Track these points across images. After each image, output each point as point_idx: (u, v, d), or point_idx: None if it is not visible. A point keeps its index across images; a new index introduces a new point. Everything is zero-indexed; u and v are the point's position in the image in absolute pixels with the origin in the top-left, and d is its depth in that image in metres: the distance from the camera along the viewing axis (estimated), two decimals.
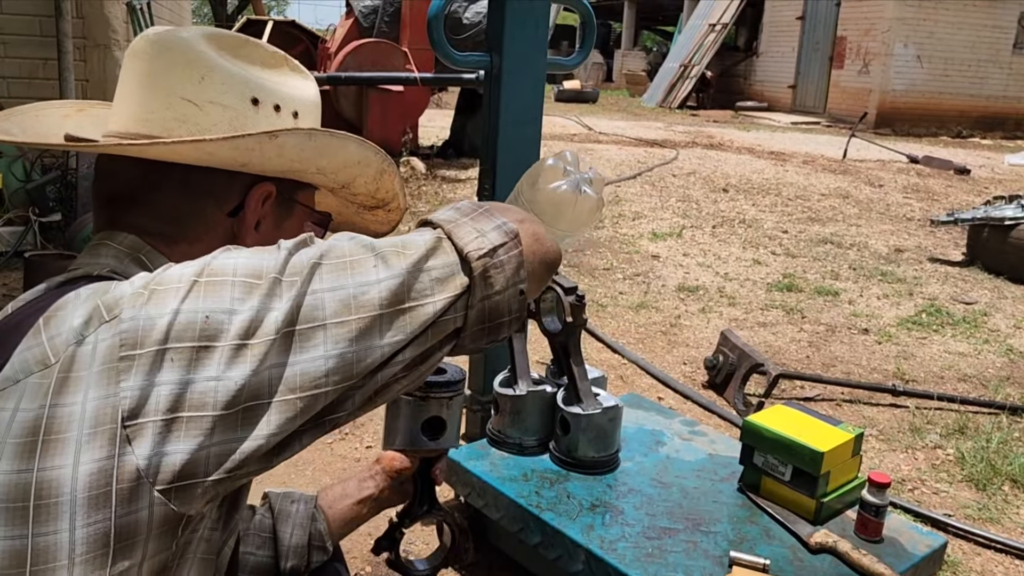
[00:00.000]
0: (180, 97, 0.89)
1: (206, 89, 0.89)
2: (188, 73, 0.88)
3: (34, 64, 5.23)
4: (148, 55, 0.90)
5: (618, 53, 26.16)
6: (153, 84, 0.89)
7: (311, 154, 0.90)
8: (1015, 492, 2.72)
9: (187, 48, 0.89)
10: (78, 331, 0.71)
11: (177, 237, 0.90)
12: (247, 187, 0.92)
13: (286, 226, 0.98)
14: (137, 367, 0.68)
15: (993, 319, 4.56)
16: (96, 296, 0.74)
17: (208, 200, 0.90)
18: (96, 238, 0.90)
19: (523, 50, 2.06)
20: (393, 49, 8.02)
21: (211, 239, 0.90)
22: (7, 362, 0.73)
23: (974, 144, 14.68)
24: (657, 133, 12.76)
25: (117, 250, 0.88)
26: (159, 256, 0.88)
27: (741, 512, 1.76)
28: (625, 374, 3.57)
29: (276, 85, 0.95)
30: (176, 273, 0.73)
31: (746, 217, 6.97)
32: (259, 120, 0.91)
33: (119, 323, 0.70)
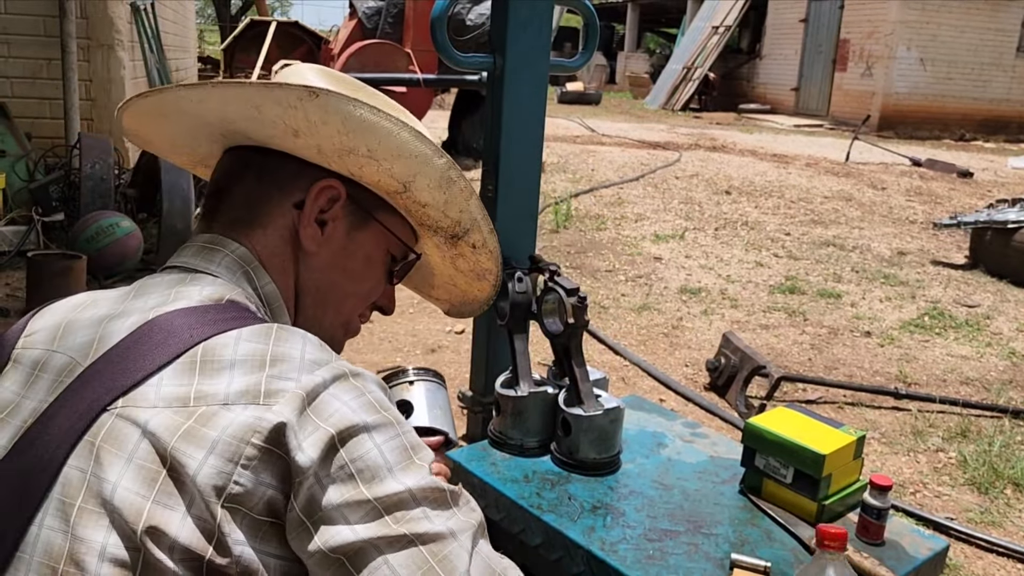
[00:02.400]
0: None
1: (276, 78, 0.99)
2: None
3: (38, 64, 5.24)
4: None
5: (621, 55, 26.17)
6: None
7: (357, 126, 0.89)
8: (1017, 496, 2.72)
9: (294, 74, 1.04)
10: (230, 397, 0.74)
11: (251, 222, 0.94)
12: (314, 181, 0.95)
13: (360, 240, 1.00)
14: (259, 461, 0.72)
15: (996, 322, 4.55)
16: (259, 365, 0.76)
17: (276, 187, 0.95)
18: (204, 237, 0.93)
19: (526, 52, 2.05)
20: (396, 50, 8.03)
21: (277, 227, 0.95)
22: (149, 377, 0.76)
23: (977, 147, 14.67)
24: (660, 135, 12.76)
25: (232, 259, 0.91)
26: (262, 271, 0.93)
27: (742, 514, 1.75)
28: (627, 376, 3.57)
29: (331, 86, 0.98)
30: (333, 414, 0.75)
31: (748, 219, 6.96)
32: None
33: (264, 416, 0.73)
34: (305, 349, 0.79)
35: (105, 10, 5.38)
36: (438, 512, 0.77)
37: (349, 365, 0.80)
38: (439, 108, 12.58)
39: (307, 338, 0.81)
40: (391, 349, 3.71)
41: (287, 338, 0.80)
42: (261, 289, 0.92)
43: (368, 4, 8.58)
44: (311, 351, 0.79)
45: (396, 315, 4.17)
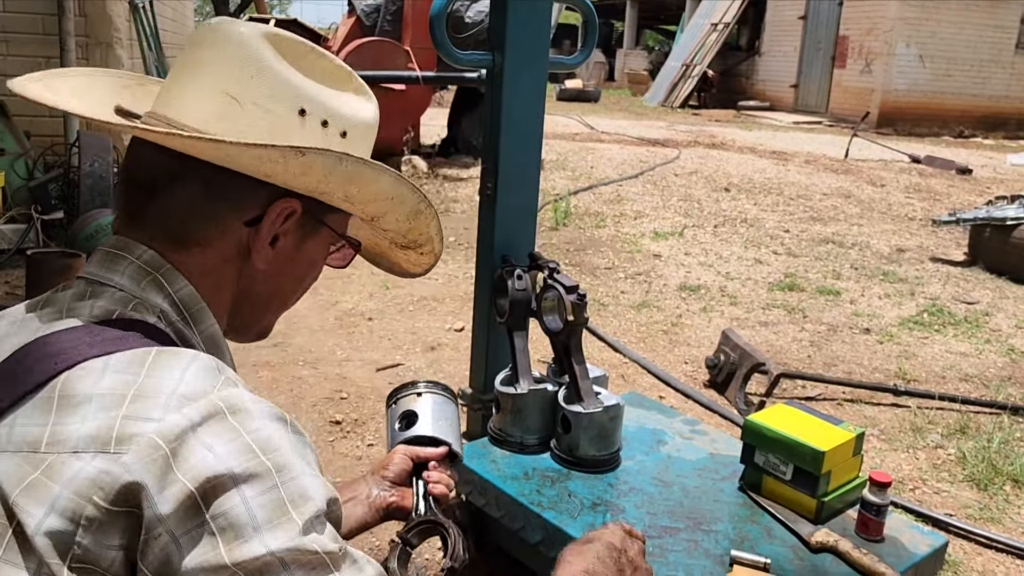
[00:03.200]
0: (224, 91, 0.84)
1: (253, 89, 0.84)
2: (238, 68, 0.84)
3: (37, 62, 5.24)
4: (205, 43, 0.86)
5: (620, 52, 26.15)
6: (201, 72, 0.85)
7: (340, 179, 0.85)
8: (1016, 492, 2.72)
9: (244, 43, 0.85)
10: (80, 442, 0.66)
11: (189, 240, 0.84)
12: (271, 199, 0.86)
13: (308, 247, 0.93)
14: (103, 523, 0.65)
15: (995, 319, 4.56)
16: (117, 401, 0.68)
17: (227, 204, 0.85)
18: (111, 241, 0.85)
19: (525, 49, 2.06)
20: (395, 48, 8.02)
21: (223, 246, 0.86)
22: (10, 408, 0.70)
23: (976, 144, 14.67)
24: (659, 132, 12.76)
25: (136, 267, 0.82)
26: (176, 275, 0.84)
27: (742, 511, 1.76)
28: (626, 373, 3.57)
29: (330, 100, 0.89)
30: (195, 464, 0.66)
31: (748, 216, 6.97)
32: (303, 133, 0.86)
33: (111, 470, 0.65)
34: (183, 378, 0.70)
35: (104, 8, 5.38)
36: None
37: (235, 396, 0.71)
38: (438, 106, 12.56)
39: (193, 363, 0.73)
40: (391, 347, 3.71)
41: (166, 364, 0.72)
42: (175, 295, 0.83)
43: (367, 2, 8.57)
44: (189, 380, 0.70)
45: (395, 313, 4.17)
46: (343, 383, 3.30)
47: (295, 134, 0.85)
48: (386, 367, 3.48)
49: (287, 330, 3.85)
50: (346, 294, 4.42)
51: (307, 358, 3.55)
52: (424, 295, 4.44)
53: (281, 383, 3.27)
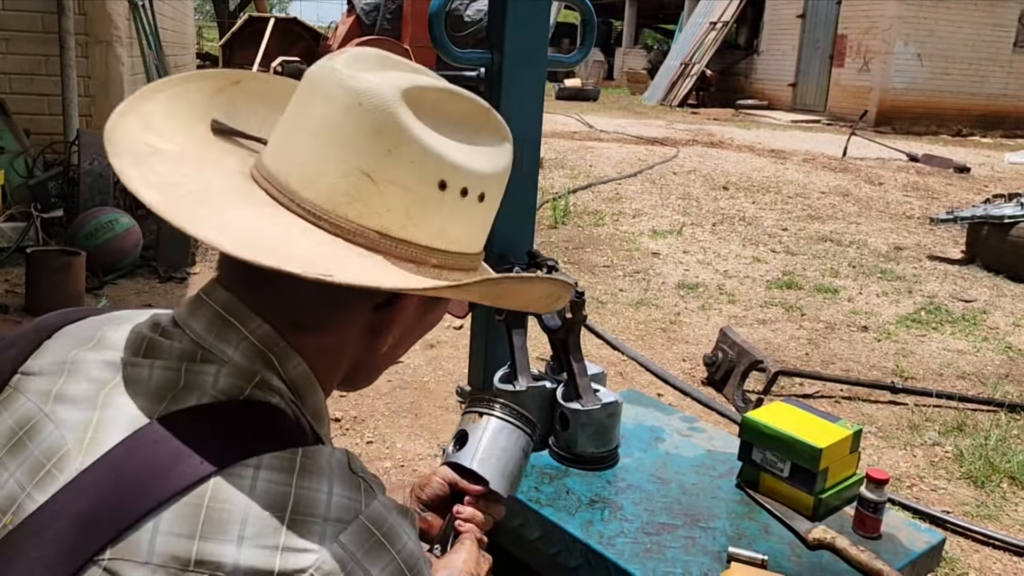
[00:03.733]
0: (358, 167, 0.73)
1: (391, 166, 0.74)
2: (375, 142, 0.73)
3: (36, 60, 5.24)
4: (336, 102, 0.74)
5: (619, 51, 26.14)
6: (331, 140, 0.74)
7: (492, 294, 0.81)
8: (1013, 489, 2.73)
9: (383, 111, 0.73)
10: (237, 568, 0.63)
11: (309, 326, 0.78)
12: None
13: (430, 317, 0.89)
14: None
15: (992, 317, 4.57)
16: (274, 527, 0.65)
17: (357, 294, 0.76)
18: (223, 300, 0.77)
19: (524, 47, 2.06)
20: (394, 46, 8.03)
21: (347, 330, 0.81)
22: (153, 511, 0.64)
23: (974, 142, 14.68)
24: (658, 131, 12.76)
25: (248, 343, 0.75)
26: (290, 353, 0.77)
27: (740, 508, 1.76)
28: (625, 371, 3.58)
29: (469, 161, 0.78)
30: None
31: (746, 215, 6.98)
32: (440, 208, 0.77)
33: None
34: (332, 492, 0.68)
35: (103, 6, 5.37)
36: None
37: (378, 510, 0.70)
38: None
39: (334, 471, 0.70)
40: None
41: (312, 471, 0.69)
42: (287, 375, 0.77)
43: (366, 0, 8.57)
44: (337, 495, 0.68)
45: None
46: None
47: (432, 211, 0.76)
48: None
49: None
50: None
51: None
52: None
53: None
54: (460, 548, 1.09)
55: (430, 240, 0.77)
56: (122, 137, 0.77)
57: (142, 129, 0.79)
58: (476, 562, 1.08)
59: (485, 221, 0.83)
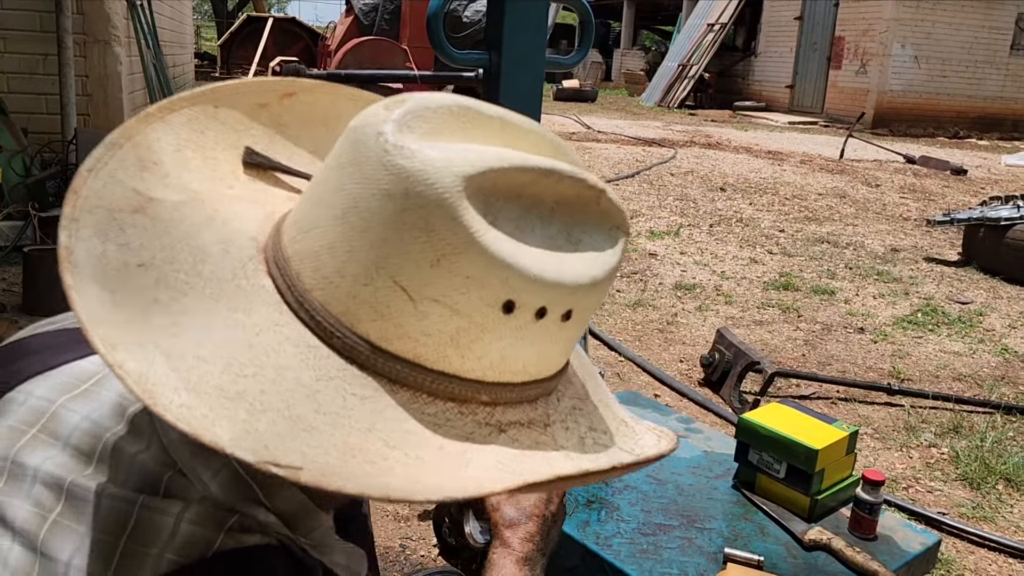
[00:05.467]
0: (390, 276, 0.53)
1: (435, 280, 0.53)
2: (419, 248, 0.52)
3: (34, 60, 5.23)
4: (373, 182, 0.53)
5: (617, 52, 26.16)
6: (360, 232, 0.54)
7: None
8: (1009, 491, 2.74)
9: (437, 205, 0.51)
10: None
11: None
12: None
13: None
14: None
15: (988, 319, 4.58)
16: None
17: None
18: None
19: (522, 48, 2.07)
20: (393, 47, 8.03)
21: None
22: None
23: (971, 145, 14.71)
24: (655, 132, 12.77)
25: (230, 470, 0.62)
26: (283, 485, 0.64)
27: (736, 509, 1.77)
28: (622, 371, 3.59)
29: (555, 271, 0.55)
30: None
31: (743, 216, 6.98)
32: (502, 332, 0.56)
33: None
34: None
35: (101, 6, 5.37)
36: None
37: None
38: None
39: None
40: None
41: None
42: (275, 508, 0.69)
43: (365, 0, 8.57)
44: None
45: None
46: None
47: (490, 338, 0.55)
48: None
49: None
50: None
51: None
52: None
53: None
54: None
55: (482, 374, 0.57)
56: (101, 184, 0.56)
57: (136, 168, 0.58)
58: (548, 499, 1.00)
59: (569, 341, 0.61)
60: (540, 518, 0.95)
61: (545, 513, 0.96)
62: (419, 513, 2.33)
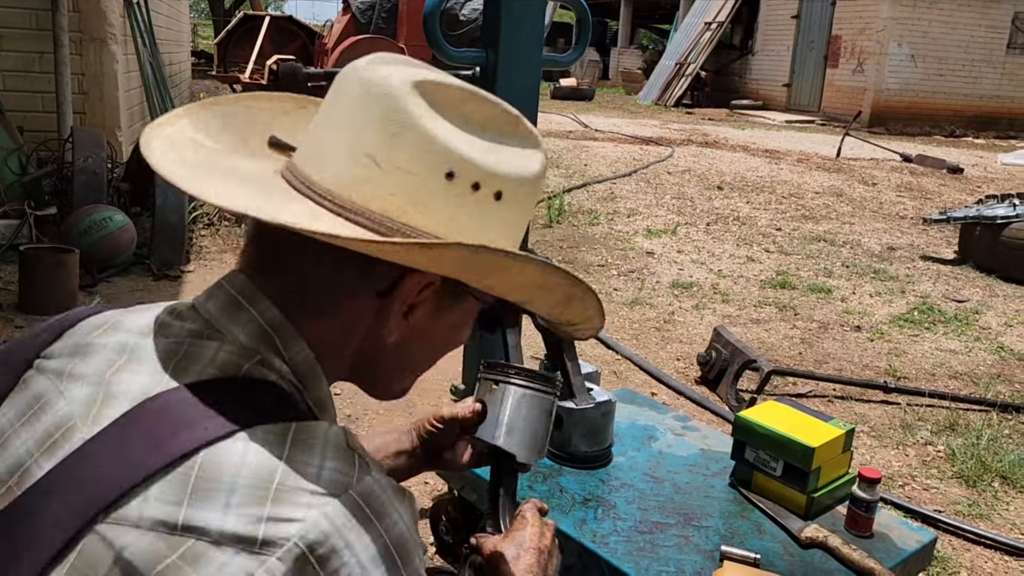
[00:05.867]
0: (364, 152, 0.76)
1: (395, 149, 0.75)
2: (381, 125, 0.75)
3: (30, 58, 5.22)
4: (349, 92, 0.78)
5: (614, 51, 26.17)
6: (342, 127, 0.78)
7: (478, 269, 0.78)
8: (1005, 489, 2.75)
9: (390, 95, 0.76)
10: (224, 536, 0.65)
11: (315, 308, 0.80)
12: (405, 271, 0.79)
13: (449, 315, 0.87)
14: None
15: (984, 317, 4.59)
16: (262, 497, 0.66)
17: (356, 274, 0.79)
18: (238, 283, 0.80)
19: (519, 46, 2.07)
20: (390, 45, 8.03)
21: (352, 315, 0.81)
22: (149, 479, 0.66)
23: (967, 143, 14.73)
24: (653, 131, 12.78)
25: (256, 324, 0.78)
26: (296, 339, 0.79)
27: (732, 507, 1.77)
28: (619, 370, 3.59)
29: (484, 157, 0.77)
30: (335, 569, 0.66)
31: (740, 215, 6.99)
32: (447, 199, 0.76)
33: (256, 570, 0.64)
34: (323, 468, 0.69)
35: (98, 4, 5.36)
36: None
37: (370, 486, 0.71)
38: None
39: (328, 445, 0.71)
40: None
41: (305, 446, 0.70)
42: (291, 360, 0.79)
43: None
44: (328, 470, 0.69)
45: None
46: None
47: (439, 200, 0.76)
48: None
49: None
50: None
51: None
52: None
53: None
54: (523, 523, 1.07)
55: (436, 229, 0.76)
56: (167, 130, 0.81)
57: (192, 129, 0.82)
58: (540, 534, 1.06)
59: (506, 223, 0.81)
60: (536, 550, 1.03)
61: (540, 546, 1.04)
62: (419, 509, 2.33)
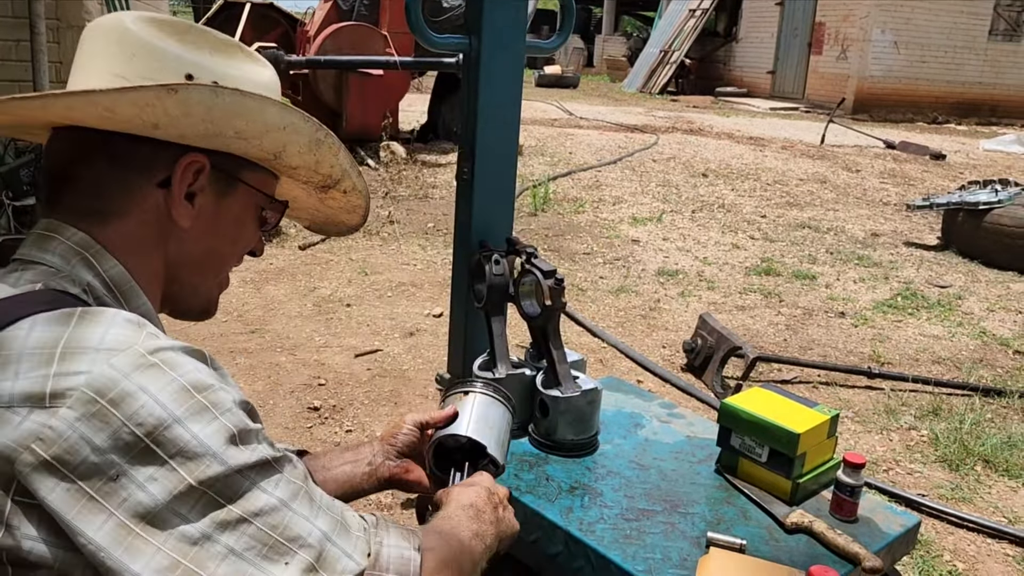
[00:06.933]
0: (111, 72, 0.88)
1: (137, 65, 0.89)
2: (120, 50, 0.89)
3: (7, 46, 5.14)
4: (92, 36, 0.92)
5: (599, 38, 26.11)
6: (89, 64, 0.91)
7: (222, 114, 0.87)
8: (987, 472, 2.77)
9: (119, 28, 0.90)
10: (13, 397, 0.70)
11: (108, 212, 0.88)
12: (176, 157, 0.90)
13: (229, 205, 0.97)
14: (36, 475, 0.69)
15: (967, 302, 4.62)
16: (47, 359, 0.72)
17: (134, 170, 0.89)
18: (42, 224, 0.88)
19: (502, 33, 2.04)
20: (372, 33, 7.95)
21: (141, 212, 0.90)
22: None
23: (949, 130, 14.81)
24: (637, 118, 12.76)
25: (66, 246, 0.86)
26: (105, 255, 0.87)
27: (718, 493, 1.77)
28: (605, 357, 3.59)
29: (218, 65, 0.93)
30: (134, 410, 0.71)
31: (725, 202, 7.00)
32: (200, 87, 0.87)
33: (49, 421, 0.69)
34: (108, 332, 0.74)
35: None
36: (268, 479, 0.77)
37: (158, 343, 0.75)
38: (416, 91, 12.49)
39: (115, 319, 0.76)
40: (369, 333, 3.70)
41: (90, 321, 0.75)
42: (105, 274, 0.86)
43: None
44: (114, 334, 0.74)
45: (374, 299, 4.16)
46: (321, 369, 3.28)
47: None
48: (364, 353, 3.47)
49: (265, 316, 3.83)
50: (324, 280, 4.40)
51: (285, 344, 3.53)
52: (402, 281, 4.43)
53: (259, 370, 3.25)
54: (479, 479, 1.13)
55: None
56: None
57: None
58: (492, 487, 1.11)
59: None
60: (487, 490, 1.09)
61: (492, 489, 1.10)
62: (402, 501, 2.33)
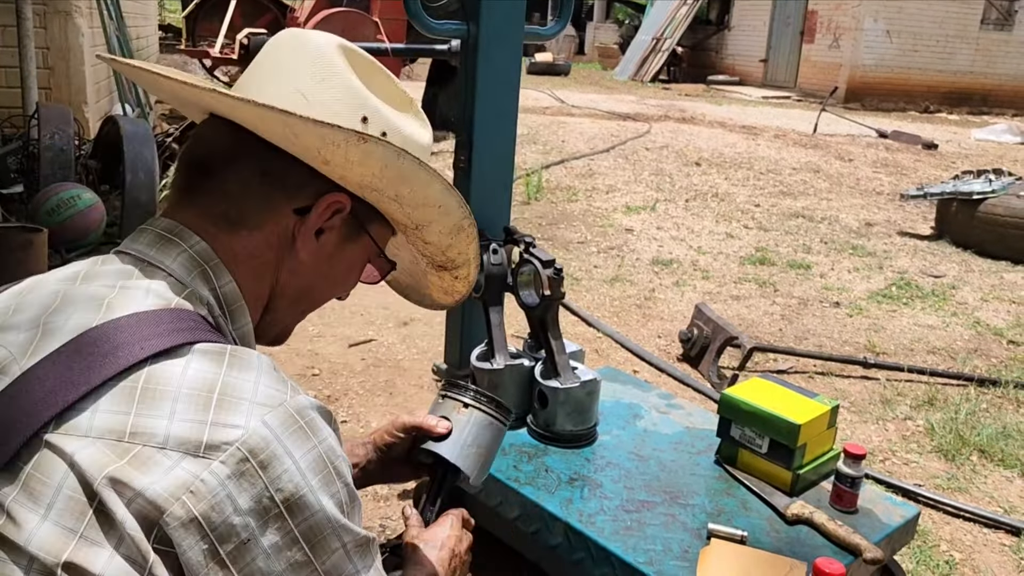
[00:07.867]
0: (295, 88, 0.88)
1: (322, 90, 0.89)
2: (310, 70, 0.90)
3: None
4: (284, 47, 0.93)
5: (590, 26, 26.01)
6: (277, 71, 0.91)
7: (393, 175, 0.88)
8: (983, 462, 2.77)
9: (319, 49, 0.91)
10: (168, 439, 0.70)
11: (240, 222, 0.87)
12: (322, 190, 0.90)
13: (348, 251, 0.97)
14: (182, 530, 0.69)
15: (961, 292, 4.62)
16: (205, 404, 0.72)
17: (280, 190, 0.88)
18: (164, 224, 0.86)
19: (500, 18, 2.02)
20: (364, 19, 7.90)
21: (270, 231, 0.89)
22: (91, 394, 0.71)
23: (941, 119, 14.83)
24: (629, 107, 12.73)
25: (188, 255, 0.85)
26: (223, 270, 0.86)
27: (718, 484, 1.76)
28: (600, 348, 3.57)
29: (391, 116, 0.94)
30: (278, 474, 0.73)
31: (719, 191, 6.99)
32: (364, 135, 0.86)
33: (201, 474, 0.69)
34: (259, 383, 0.75)
35: None
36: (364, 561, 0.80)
37: (302, 404, 0.77)
38: (407, 78, 12.42)
39: (261, 367, 0.77)
40: (363, 322, 3.67)
41: (241, 366, 0.76)
42: (220, 289, 0.86)
43: None
44: (265, 384, 0.75)
45: (368, 288, 4.12)
46: (315, 359, 3.26)
47: (358, 137, 0.85)
48: (359, 343, 3.44)
49: None
50: None
51: None
52: None
53: None
54: (444, 522, 1.13)
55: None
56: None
57: None
58: (459, 539, 1.12)
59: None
60: (450, 551, 1.09)
61: (456, 549, 1.10)
62: (399, 493, 2.31)
